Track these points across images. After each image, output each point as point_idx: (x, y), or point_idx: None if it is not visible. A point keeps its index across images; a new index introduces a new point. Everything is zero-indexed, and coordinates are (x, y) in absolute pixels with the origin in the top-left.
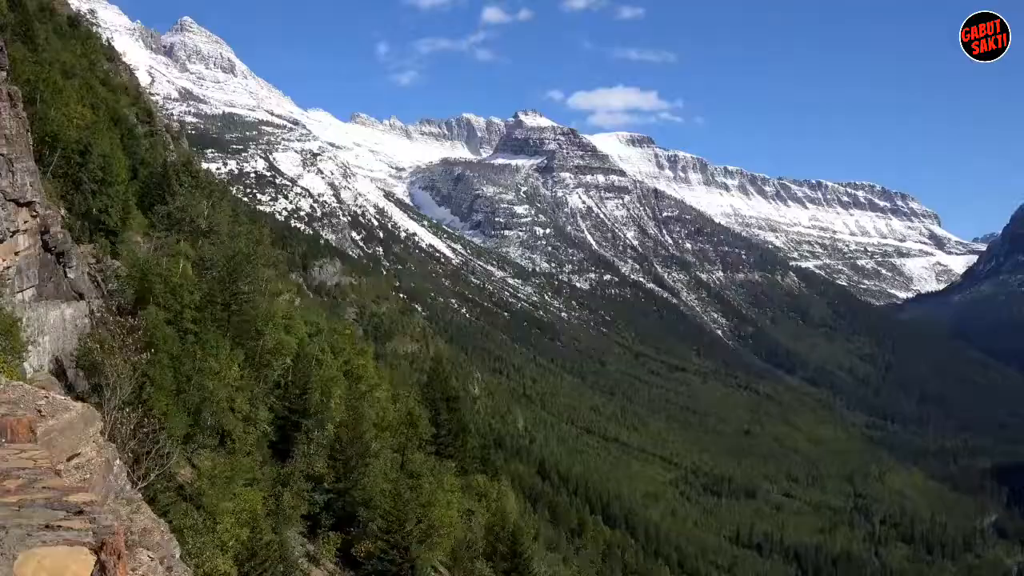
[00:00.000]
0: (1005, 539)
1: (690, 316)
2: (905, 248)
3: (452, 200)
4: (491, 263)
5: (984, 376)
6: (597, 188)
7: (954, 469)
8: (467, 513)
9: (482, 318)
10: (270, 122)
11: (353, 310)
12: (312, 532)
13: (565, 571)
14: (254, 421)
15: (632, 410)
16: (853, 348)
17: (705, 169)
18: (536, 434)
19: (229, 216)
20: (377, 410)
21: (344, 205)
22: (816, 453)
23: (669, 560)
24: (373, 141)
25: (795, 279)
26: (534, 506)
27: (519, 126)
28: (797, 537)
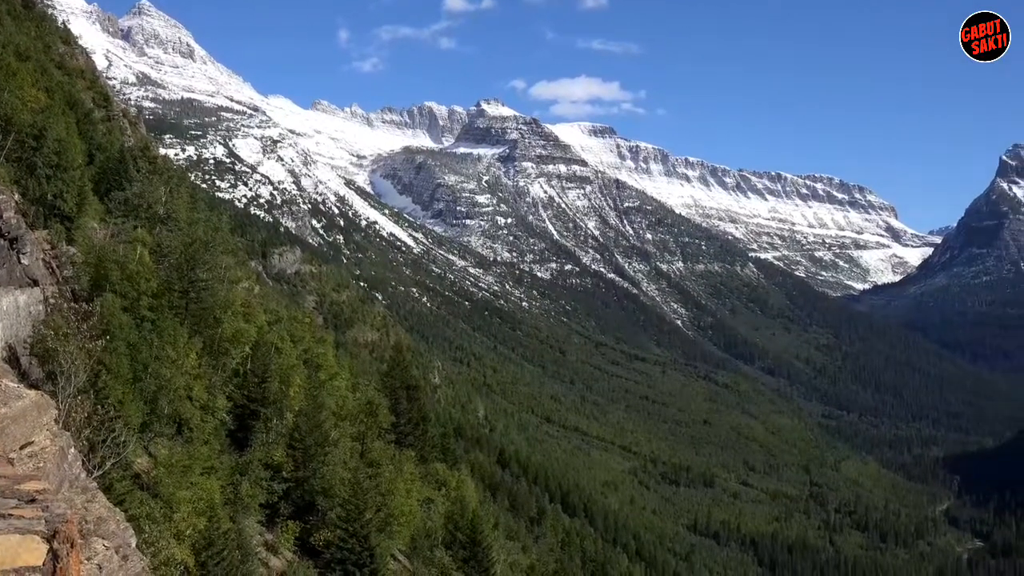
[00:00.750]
0: (956, 527)
1: (650, 306)
2: (862, 240)
3: (413, 189)
4: (452, 252)
5: (938, 367)
6: (559, 178)
7: (907, 458)
8: (427, 502)
9: (443, 307)
10: (229, 108)
11: (313, 298)
12: (270, 521)
13: (524, 559)
14: (212, 410)
15: (592, 399)
16: (810, 339)
17: (666, 160)
18: (496, 423)
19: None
20: (337, 399)
21: (304, 193)
22: (773, 442)
23: (627, 548)
24: (334, 128)
25: (754, 270)
26: (494, 495)
27: (481, 115)
28: (754, 525)
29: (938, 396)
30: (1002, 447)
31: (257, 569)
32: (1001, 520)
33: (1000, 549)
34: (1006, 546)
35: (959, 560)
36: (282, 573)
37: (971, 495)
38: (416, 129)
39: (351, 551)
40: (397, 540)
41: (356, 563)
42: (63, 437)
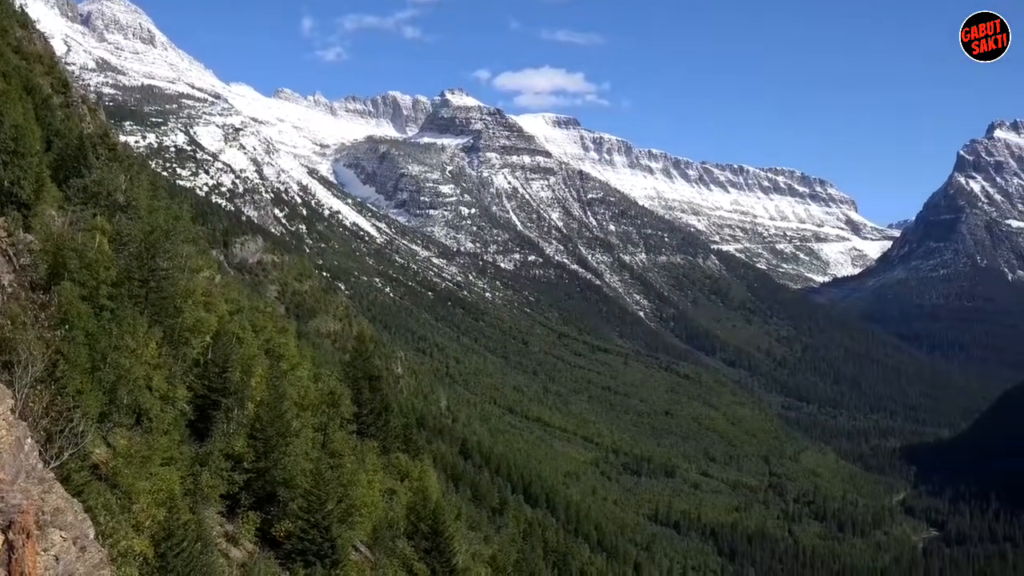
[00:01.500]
0: (912, 517)
1: (613, 297)
2: (823, 233)
3: (377, 178)
4: (416, 242)
5: (895, 359)
6: (523, 169)
7: (865, 449)
8: (389, 492)
9: (406, 297)
10: (191, 95)
11: (275, 288)
12: (231, 512)
13: (486, 550)
14: (172, 400)
15: (554, 390)
16: (771, 330)
17: (630, 152)
18: (459, 414)
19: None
20: (299, 389)
21: (267, 181)
22: (734, 433)
23: (589, 538)
24: (297, 117)
25: (716, 262)
26: (456, 485)
27: (445, 105)
28: (714, 515)
29: (895, 388)
30: (957, 438)
31: (217, 560)
32: (956, 509)
33: (955, 538)
34: (960, 535)
35: (915, 549)
36: (242, 564)
37: (927, 485)
38: (380, 118)
39: (312, 542)
40: (359, 531)
41: (317, 554)
42: (19, 427)
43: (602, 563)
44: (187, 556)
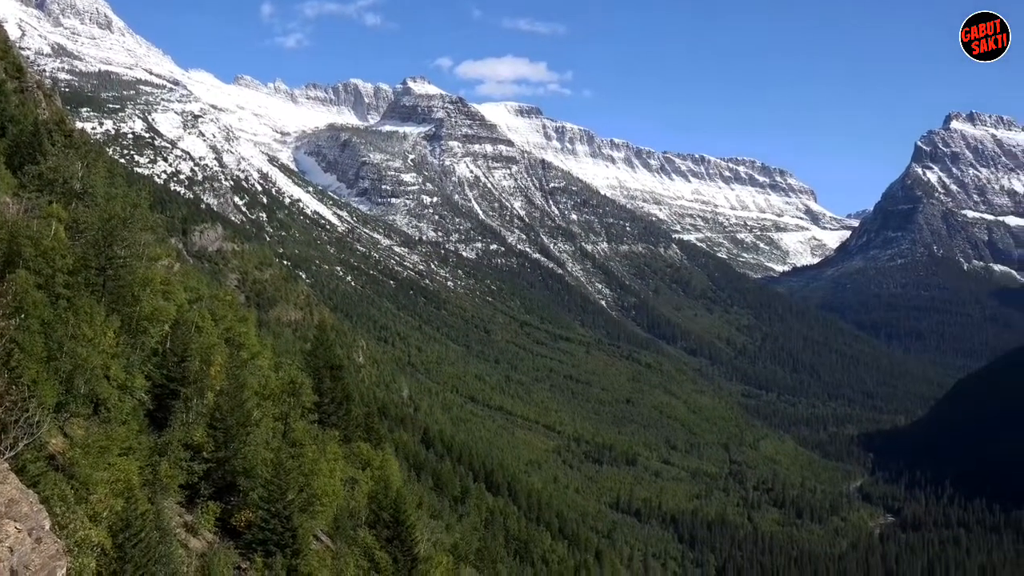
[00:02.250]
0: (869, 503)
1: (575, 286)
2: (783, 223)
3: (338, 166)
4: (377, 231)
5: (853, 347)
6: (485, 158)
7: (824, 436)
8: (350, 481)
9: (367, 286)
10: (149, 82)
11: (235, 276)
12: (190, 502)
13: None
14: (130, 389)
15: (516, 379)
16: (731, 319)
17: (592, 141)
18: (421, 403)
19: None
20: (259, 378)
21: (226, 169)
22: (694, 421)
23: (550, 526)
24: (257, 104)
25: (677, 251)
26: (418, 474)
27: (407, 93)
28: (675, 503)
29: (853, 376)
30: (914, 425)
31: (176, 550)
32: (912, 495)
33: (910, 523)
34: (916, 521)
35: (871, 535)
36: (202, 554)
37: (884, 472)
38: (341, 106)
39: (273, 531)
40: (320, 520)
41: (278, 544)
42: None
43: (564, 550)
44: (145, 546)
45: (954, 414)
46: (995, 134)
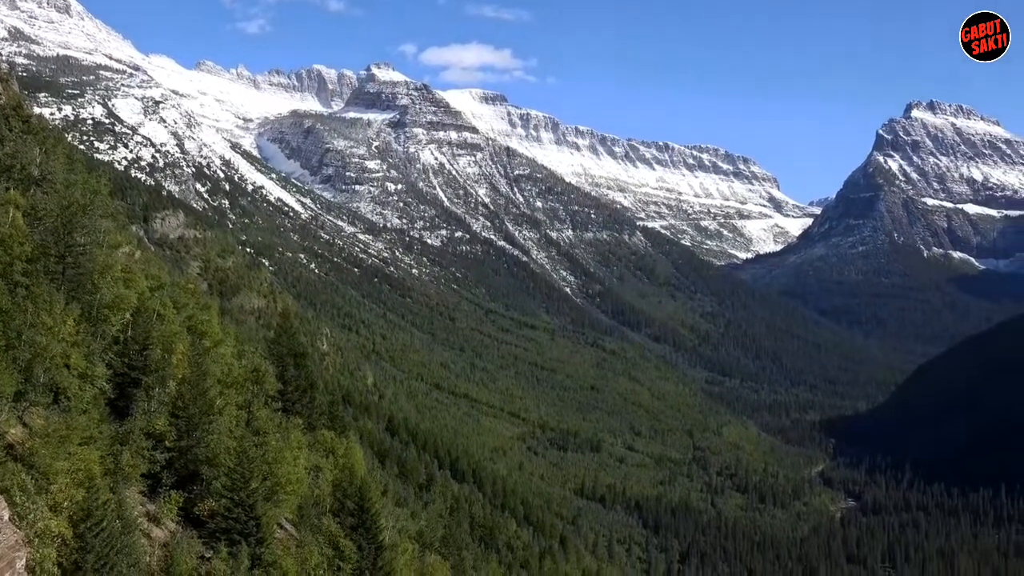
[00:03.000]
0: (830, 487)
1: (540, 274)
2: (746, 210)
3: (302, 153)
4: (341, 218)
5: (815, 334)
6: (450, 145)
7: (786, 422)
8: (314, 469)
9: (332, 274)
10: (109, 67)
11: (197, 264)
12: (153, 491)
13: (413, 525)
14: (91, 378)
15: (481, 366)
16: (695, 306)
17: (556, 128)
18: (385, 390)
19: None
20: (222, 366)
21: (188, 156)
22: (658, 408)
23: (515, 513)
24: (219, 90)
25: (642, 239)
26: (382, 462)
27: (371, 80)
28: (639, 488)
29: (815, 362)
30: (874, 410)
31: (138, 540)
32: (872, 480)
33: (871, 507)
34: (876, 505)
35: (833, 519)
36: (165, 544)
37: (845, 457)
38: (305, 92)
39: (236, 520)
40: (284, 508)
41: (241, 532)
42: None
43: (528, 537)
44: (107, 536)
45: (914, 400)
46: (955, 123)
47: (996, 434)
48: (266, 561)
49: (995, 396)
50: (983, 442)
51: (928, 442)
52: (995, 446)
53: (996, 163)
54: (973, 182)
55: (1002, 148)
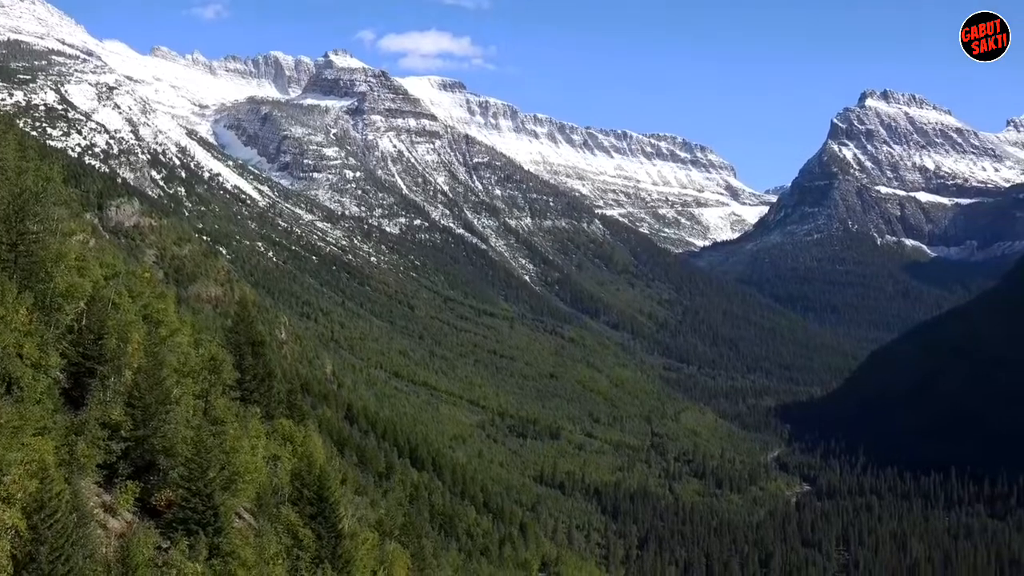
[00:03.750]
0: (786, 472)
1: (499, 261)
2: (703, 198)
3: (259, 140)
4: (299, 206)
5: (771, 321)
6: (408, 132)
7: (743, 408)
8: (273, 459)
9: (290, 262)
10: (61, 52)
11: (153, 252)
12: (108, 482)
13: (372, 514)
14: (44, 368)
15: (441, 354)
16: (653, 294)
17: (515, 116)
18: (344, 379)
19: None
20: (178, 356)
21: (143, 142)
22: (617, 395)
23: (475, 500)
24: (174, 76)
25: (600, 227)
26: (341, 451)
27: (329, 67)
28: (598, 475)
29: (771, 348)
30: (829, 396)
31: (94, 531)
32: (827, 465)
33: (825, 492)
34: (830, 489)
35: (788, 503)
36: (121, 534)
37: (800, 442)
38: (262, 79)
39: (194, 510)
40: (242, 498)
41: (199, 522)
42: None
43: (488, 524)
44: (61, 528)
45: (867, 385)
46: (908, 112)
47: (947, 419)
48: (224, 551)
49: (946, 382)
50: (934, 427)
51: (881, 427)
52: (946, 431)
53: (948, 152)
54: (925, 170)
55: (953, 137)
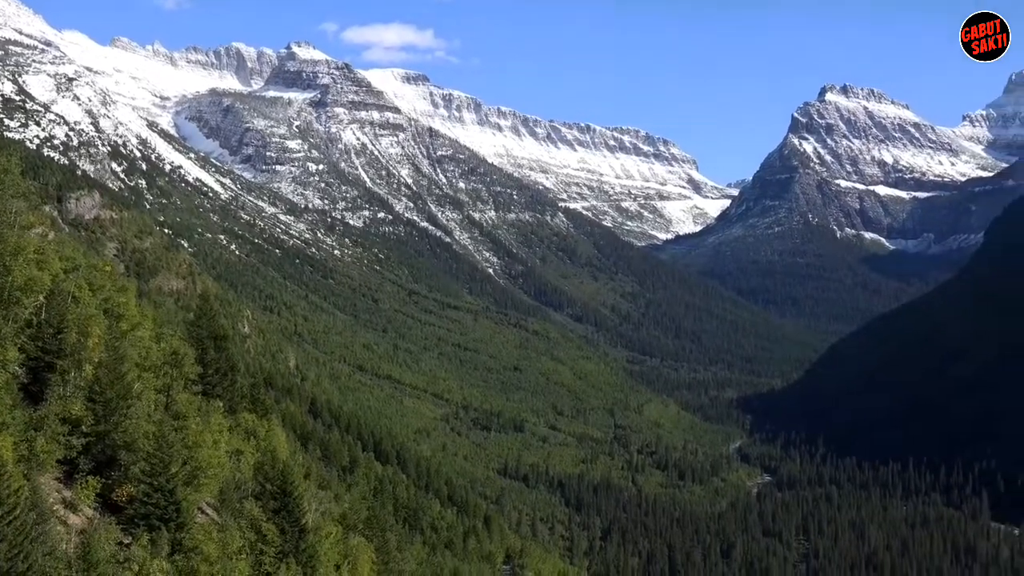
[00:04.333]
0: (747, 463)
1: (463, 255)
2: (666, 192)
3: (221, 133)
4: (262, 199)
5: (733, 313)
6: (372, 125)
7: (705, 400)
8: (236, 453)
9: (252, 255)
10: (19, 42)
11: (114, 245)
12: (69, 477)
13: (336, 508)
14: (3, 362)
15: (405, 347)
16: (616, 287)
17: (479, 109)
18: (308, 372)
19: None
20: (140, 350)
21: (103, 134)
22: (580, 387)
23: (439, 493)
24: (135, 67)
25: (564, 220)
26: (305, 445)
27: (292, 59)
28: (561, 467)
29: (733, 341)
30: (789, 388)
31: (55, 528)
32: (787, 455)
33: (786, 482)
34: (791, 479)
35: (749, 494)
36: (82, 531)
37: (761, 433)
38: (224, 71)
39: (156, 505)
40: (205, 493)
41: (161, 517)
42: None
43: (453, 517)
44: (20, 524)
45: (827, 376)
46: (867, 106)
47: (904, 409)
48: (187, 546)
49: (903, 372)
50: (892, 417)
51: (840, 417)
52: (903, 421)
53: (906, 146)
54: (884, 164)
55: (911, 132)
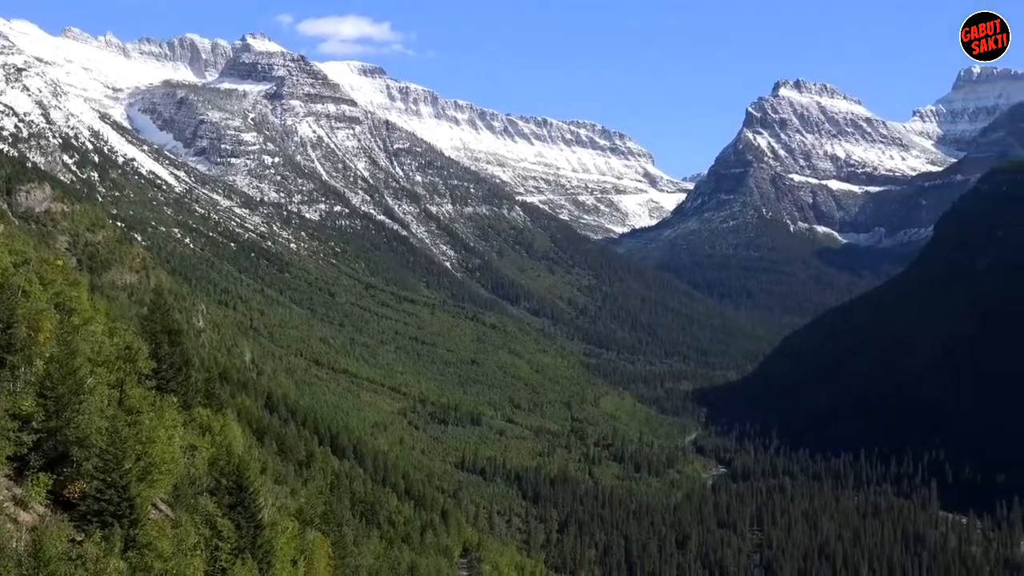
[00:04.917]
0: (702, 455)
1: (420, 248)
2: (622, 185)
3: (175, 125)
4: (217, 191)
5: (688, 306)
6: (328, 117)
7: (661, 393)
8: (190, 448)
9: (207, 248)
10: None
11: (65, 239)
12: (19, 474)
13: (293, 503)
14: None
15: (361, 341)
16: (573, 280)
17: (436, 102)
18: (264, 367)
19: None
20: (92, 344)
21: (54, 126)
22: (537, 380)
23: (396, 487)
24: (86, 58)
25: (521, 213)
26: (261, 439)
27: (247, 50)
28: (519, 460)
29: (688, 334)
30: (744, 380)
31: (5, 525)
32: (742, 447)
33: (740, 473)
34: (745, 471)
35: (704, 485)
36: (33, 528)
37: (716, 425)
38: (177, 62)
39: (109, 502)
40: (159, 489)
41: (114, 514)
42: None
43: (410, 511)
44: None
45: (780, 369)
46: (820, 101)
47: (856, 400)
48: (140, 543)
49: (854, 364)
50: (844, 408)
51: (793, 409)
52: (855, 412)
53: (858, 141)
54: (836, 159)
55: (863, 127)
